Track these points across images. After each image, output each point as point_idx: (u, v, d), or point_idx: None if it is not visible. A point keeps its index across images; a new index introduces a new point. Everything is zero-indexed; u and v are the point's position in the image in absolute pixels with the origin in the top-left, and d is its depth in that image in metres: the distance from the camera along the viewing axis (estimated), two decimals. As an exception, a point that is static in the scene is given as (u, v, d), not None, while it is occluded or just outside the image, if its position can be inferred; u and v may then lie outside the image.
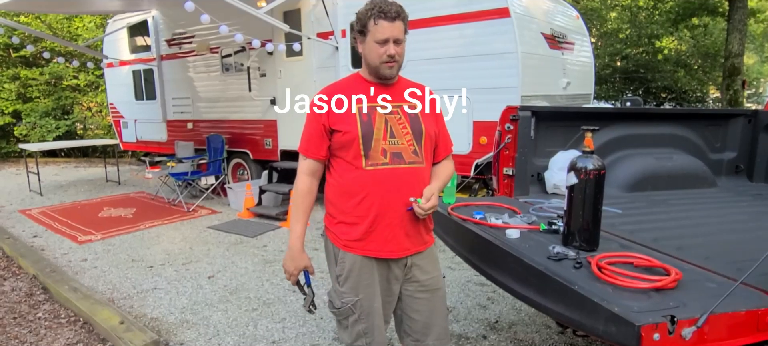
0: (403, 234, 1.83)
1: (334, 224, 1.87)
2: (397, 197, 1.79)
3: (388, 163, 1.78)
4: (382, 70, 1.78)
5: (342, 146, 1.79)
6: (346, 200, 1.81)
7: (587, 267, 1.62)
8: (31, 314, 3.60)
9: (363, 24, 1.75)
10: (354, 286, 1.83)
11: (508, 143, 2.81)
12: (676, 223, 2.34)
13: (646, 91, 13.58)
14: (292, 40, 6.03)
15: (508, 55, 4.77)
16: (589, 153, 1.81)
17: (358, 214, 1.80)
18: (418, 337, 1.94)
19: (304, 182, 1.87)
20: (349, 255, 1.83)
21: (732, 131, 3.45)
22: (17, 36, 8.13)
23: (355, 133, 1.76)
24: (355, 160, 1.78)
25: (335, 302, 1.88)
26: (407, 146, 1.80)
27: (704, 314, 1.29)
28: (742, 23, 10.19)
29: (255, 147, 7.07)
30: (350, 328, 1.86)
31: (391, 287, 1.89)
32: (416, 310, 1.92)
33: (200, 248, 5.06)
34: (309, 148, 1.85)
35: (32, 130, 12.33)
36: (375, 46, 1.74)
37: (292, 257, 1.86)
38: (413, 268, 1.90)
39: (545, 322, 3.26)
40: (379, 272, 1.85)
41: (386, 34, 1.72)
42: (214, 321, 3.41)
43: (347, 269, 1.83)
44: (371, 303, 1.84)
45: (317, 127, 1.81)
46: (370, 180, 1.78)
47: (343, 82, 1.90)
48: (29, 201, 7.67)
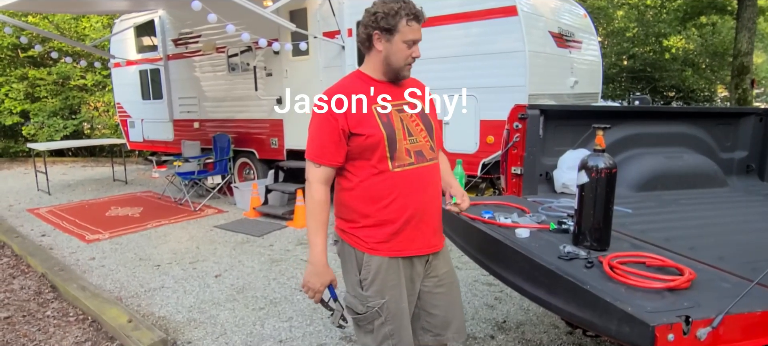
0: (431, 231, 1.84)
1: (358, 228, 1.79)
2: (424, 194, 1.79)
3: (414, 162, 1.76)
4: (404, 72, 1.76)
5: (364, 150, 1.72)
6: (373, 204, 1.75)
7: (599, 267, 1.60)
8: (39, 313, 3.62)
9: (392, 23, 1.68)
10: (380, 289, 1.78)
11: (517, 142, 2.79)
12: (688, 223, 2.31)
13: (653, 91, 13.49)
14: (298, 39, 6.03)
15: (516, 53, 4.75)
16: (601, 151, 1.79)
17: (387, 216, 1.75)
18: (439, 332, 1.93)
19: (320, 192, 1.76)
20: (376, 258, 1.77)
21: (743, 130, 3.40)
22: (25, 36, 8.18)
23: (380, 135, 1.70)
24: (381, 163, 1.72)
25: (358, 307, 1.81)
26: (424, 143, 1.79)
27: (720, 314, 1.27)
28: (752, 22, 10.09)
29: (261, 146, 7.08)
30: (375, 332, 1.80)
31: (415, 285, 1.88)
32: (435, 305, 1.92)
33: (207, 247, 5.07)
34: (324, 155, 1.73)
35: (40, 130, 12.42)
36: (402, 47, 1.71)
37: (318, 273, 1.76)
38: (432, 264, 1.90)
39: (553, 322, 3.24)
40: (404, 272, 1.83)
41: (417, 35, 1.71)
42: (222, 320, 3.41)
43: (373, 272, 1.78)
44: (398, 304, 1.80)
45: (334, 132, 1.70)
46: (399, 181, 1.74)
47: (346, 82, 1.80)
48: (37, 200, 7.72)
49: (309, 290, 1.79)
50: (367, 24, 1.73)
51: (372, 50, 1.76)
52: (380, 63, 1.76)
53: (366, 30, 1.74)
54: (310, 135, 1.77)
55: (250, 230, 5.63)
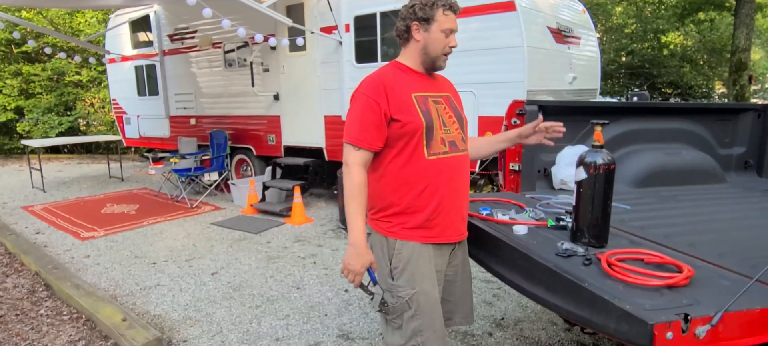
0: (460, 219, 1.89)
1: (390, 215, 1.81)
2: (455, 183, 1.83)
3: (448, 151, 1.81)
4: (440, 62, 1.81)
5: (402, 136, 1.75)
6: (407, 191, 1.78)
7: (597, 264, 1.58)
8: (33, 311, 3.59)
9: (430, 13, 1.75)
10: (410, 278, 1.79)
11: (515, 138, 2.76)
12: (687, 219, 2.30)
13: (651, 87, 13.47)
14: (295, 34, 5.99)
15: (514, 49, 4.72)
16: (599, 147, 1.77)
17: (420, 204, 1.79)
18: (448, 316, 1.98)
19: (360, 174, 1.74)
20: (408, 244, 1.80)
21: (741, 126, 3.39)
22: (19, 31, 8.13)
23: (419, 122, 1.74)
24: (417, 150, 1.76)
25: (388, 299, 1.81)
26: (456, 134, 1.85)
27: (719, 312, 1.25)
28: (749, 18, 10.07)
29: (258, 143, 7.05)
30: (404, 326, 1.80)
31: (442, 275, 1.91)
32: (451, 292, 1.98)
33: (203, 244, 5.05)
34: (365, 138, 1.74)
35: (35, 127, 12.34)
36: (440, 36, 1.77)
37: (359, 254, 1.70)
38: (455, 252, 1.94)
39: (551, 319, 3.23)
40: (435, 261, 1.85)
41: (453, 24, 1.77)
42: (218, 318, 3.39)
43: (405, 260, 1.79)
44: (428, 296, 1.81)
45: (376, 117, 1.73)
46: (433, 170, 1.78)
47: (386, 70, 1.83)
48: (32, 198, 7.68)
49: (349, 273, 1.72)
50: (405, 16, 1.80)
51: (411, 41, 1.82)
52: (418, 53, 1.82)
53: (405, 21, 1.80)
54: (350, 119, 1.79)
55: (247, 227, 5.60)
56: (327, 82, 6.09)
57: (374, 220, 1.87)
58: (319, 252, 4.71)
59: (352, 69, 5.79)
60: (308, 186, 6.35)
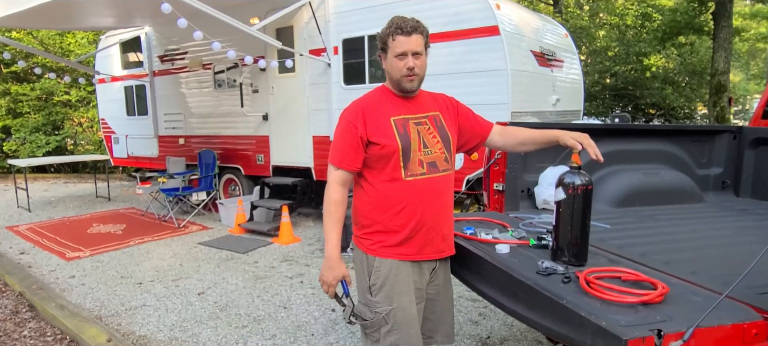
0: (440, 238, 1.94)
1: (370, 233, 1.91)
2: (434, 203, 1.89)
3: (425, 173, 1.88)
4: (403, 84, 1.87)
5: (380, 158, 1.85)
6: (384, 211, 1.87)
7: (576, 282, 1.63)
8: (16, 333, 3.54)
9: (384, 41, 1.86)
10: (388, 295, 1.86)
11: (498, 159, 2.83)
12: (664, 238, 2.36)
13: (635, 108, 13.73)
14: (284, 56, 6.07)
15: (499, 72, 4.83)
16: (577, 169, 1.83)
17: (398, 223, 1.87)
18: (429, 335, 2.03)
19: (337, 191, 1.87)
20: (387, 261, 1.87)
21: (718, 147, 3.49)
22: (9, 51, 8.10)
23: (395, 145, 1.83)
24: (394, 172, 1.85)
25: (366, 314, 1.89)
26: (439, 154, 1.91)
27: (690, 327, 1.30)
28: (727, 42, 10.40)
29: (247, 163, 7.06)
30: (381, 340, 1.87)
31: (422, 293, 1.95)
32: (433, 311, 2.03)
33: (190, 264, 5.02)
34: (344, 160, 1.87)
35: (22, 146, 12.21)
36: (395, 61, 1.84)
37: (331, 267, 1.86)
38: (437, 271, 1.99)
39: (537, 337, 3.26)
40: (413, 279, 1.90)
41: (403, 47, 1.82)
42: (204, 339, 3.37)
43: (383, 277, 1.86)
44: (406, 312, 1.87)
45: (353, 139, 1.85)
46: (410, 190, 1.86)
47: (371, 95, 1.95)
48: (17, 217, 7.58)
49: (323, 284, 1.88)
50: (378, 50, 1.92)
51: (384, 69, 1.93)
52: (389, 79, 1.93)
53: (378, 55, 1.93)
54: (333, 141, 1.92)
55: (234, 247, 5.58)
56: (315, 103, 6.15)
57: (357, 237, 1.95)
58: (306, 272, 4.71)
59: (341, 90, 5.86)
60: (296, 206, 6.36)
